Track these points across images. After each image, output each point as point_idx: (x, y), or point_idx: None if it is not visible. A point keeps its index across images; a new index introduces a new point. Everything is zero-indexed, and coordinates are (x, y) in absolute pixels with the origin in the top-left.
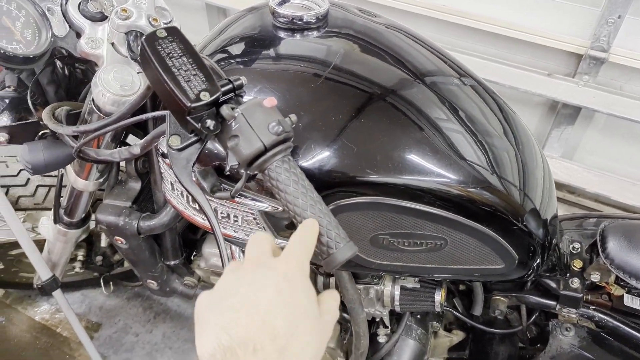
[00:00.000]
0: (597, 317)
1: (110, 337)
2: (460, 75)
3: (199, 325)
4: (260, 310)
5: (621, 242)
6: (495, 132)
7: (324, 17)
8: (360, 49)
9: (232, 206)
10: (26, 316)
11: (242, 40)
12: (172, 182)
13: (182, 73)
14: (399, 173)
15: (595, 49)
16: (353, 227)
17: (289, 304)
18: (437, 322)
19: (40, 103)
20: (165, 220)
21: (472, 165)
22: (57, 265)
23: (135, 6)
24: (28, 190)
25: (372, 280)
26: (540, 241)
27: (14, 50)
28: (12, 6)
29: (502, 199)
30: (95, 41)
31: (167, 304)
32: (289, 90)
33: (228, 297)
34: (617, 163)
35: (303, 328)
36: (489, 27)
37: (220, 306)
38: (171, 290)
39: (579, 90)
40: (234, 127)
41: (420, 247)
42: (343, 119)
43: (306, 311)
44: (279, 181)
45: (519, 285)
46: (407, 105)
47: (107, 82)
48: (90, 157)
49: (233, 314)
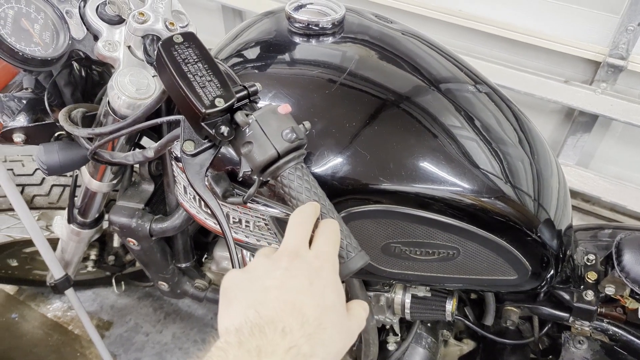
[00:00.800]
0: (611, 330)
1: (120, 336)
2: (476, 82)
3: (225, 300)
4: (292, 296)
5: (637, 255)
6: (510, 140)
7: (340, 22)
8: (375, 55)
9: (244, 211)
10: (39, 313)
11: (258, 44)
12: (184, 186)
13: (198, 79)
14: (412, 181)
15: (614, 57)
16: (365, 235)
17: (319, 296)
18: (448, 331)
19: (56, 104)
20: (177, 223)
21: (486, 175)
22: (70, 264)
23: (152, 10)
24: (43, 190)
25: (382, 288)
26: (554, 252)
27: (32, 53)
28: (31, 9)
29: (516, 209)
30: (112, 44)
31: (178, 304)
32: (304, 96)
33: (260, 278)
34: (634, 172)
35: (330, 322)
36: (505, 33)
37: (252, 285)
38: (182, 293)
39: (596, 97)
40: (248, 134)
41: (432, 256)
42: (357, 125)
43: (335, 307)
44: (291, 188)
45: (531, 296)
46: (421, 113)
47: (123, 85)
48: (105, 160)
49: (264, 294)
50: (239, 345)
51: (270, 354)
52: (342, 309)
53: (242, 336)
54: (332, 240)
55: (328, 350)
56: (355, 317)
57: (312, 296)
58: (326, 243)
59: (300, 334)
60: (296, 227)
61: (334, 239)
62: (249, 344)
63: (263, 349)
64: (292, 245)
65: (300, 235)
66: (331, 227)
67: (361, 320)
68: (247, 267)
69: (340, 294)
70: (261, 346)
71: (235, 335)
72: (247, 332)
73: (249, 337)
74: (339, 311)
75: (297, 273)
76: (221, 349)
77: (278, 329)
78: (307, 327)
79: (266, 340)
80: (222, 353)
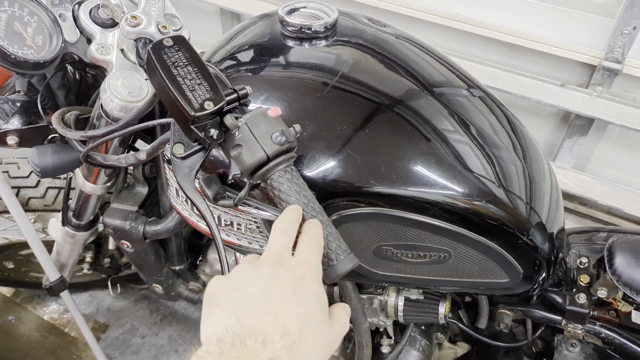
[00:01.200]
0: (604, 333)
1: (117, 339)
2: (469, 86)
3: (208, 308)
4: (274, 305)
5: (629, 258)
6: (502, 144)
7: (332, 26)
8: (367, 58)
9: (235, 214)
10: (35, 315)
11: (251, 47)
12: (176, 188)
13: (187, 82)
14: (404, 184)
15: (610, 60)
16: (356, 238)
17: (302, 306)
18: (442, 334)
19: (50, 107)
20: (170, 226)
21: (477, 178)
22: (66, 266)
23: (145, 13)
24: (38, 192)
25: (375, 291)
26: (545, 255)
27: (24, 56)
28: (25, 12)
29: (507, 212)
30: (105, 47)
31: (174, 307)
32: (295, 99)
33: (243, 286)
34: (631, 175)
35: (311, 332)
36: (502, 37)
37: (234, 293)
38: (176, 295)
39: (592, 101)
40: (238, 137)
41: (423, 259)
42: (348, 128)
43: (316, 316)
44: (281, 191)
45: (524, 299)
46: (413, 116)
47: (115, 88)
48: (98, 162)
49: (246, 303)
50: (220, 355)
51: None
52: (324, 317)
53: (223, 346)
54: (315, 245)
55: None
56: (338, 322)
57: (294, 306)
58: (309, 249)
59: (280, 345)
60: (279, 234)
61: (317, 244)
62: (230, 354)
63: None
64: (275, 252)
65: (283, 242)
66: (314, 231)
67: (344, 324)
68: (230, 274)
69: (323, 302)
70: (241, 357)
71: (217, 345)
72: (229, 343)
73: (230, 347)
74: (321, 319)
75: (279, 281)
76: (202, 358)
77: (259, 340)
78: (287, 338)
79: (247, 351)
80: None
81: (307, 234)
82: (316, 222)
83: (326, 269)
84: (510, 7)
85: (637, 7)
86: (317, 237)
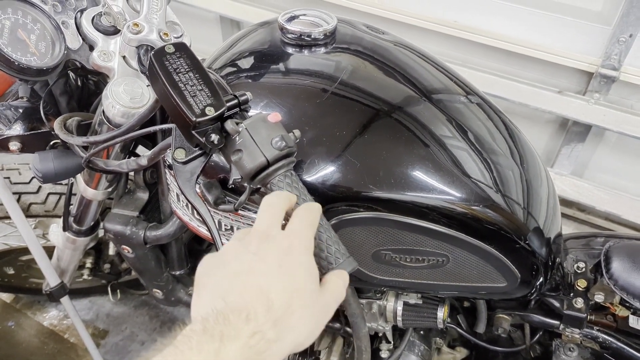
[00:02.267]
0: (601, 338)
1: (116, 345)
2: (467, 93)
3: (197, 288)
4: (258, 280)
5: (625, 263)
6: (500, 150)
7: (331, 33)
8: (366, 65)
9: (236, 219)
10: (35, 321)
11: (251, 54)
12: (177, 194)
13: (189, 88)
14: (402, 189)
15: (606, 67)
16: (355, 242)
17: (288, 278)
18: (441, 339)
19: (52, 113)
20: (171, 231)
21: (475, 183)
22: (66, 272)
23: (146, 21)
24: (39, 198)
25: (374, 295)
26: (543, 260)
27: (27, 62)
28: (28, 19)
29: (505, 217)
30: (107, 54)
31: (174, 313)
32: (295, 105)
33: (229, 264)
34: (628, 182)
35: (299, 304)
36: (499, 44)
37: (220, 272)
38: (176, 300)
39: (589, 108)
40: (238, 142)
41: (422, 263)
42: (347, 134)
43: (304, 287)
44: None
45: (522, 303)
46: (411, 122)
47: (117, 95)
48: (99, 168)
49: (230, 281)
50: (203, 331)
51: (233, 338)
52: (313, 287)
53: (207, 324)
54: (307, 219)
55: (298, 333)
56: (331, 291)
57: (280, 279)
58: (299, 221)
59: (264, 320)
60: (267, 209)
61: (309, 218)
62: (213, 330)
63: (226, 333)
64: (262, 226)
65: (271, 216)
66: (308, 208)
67: (339, 292)
68: (219, 252)
69: (312, 272)
70: (224, 331)
71: (201, 323)
72: (212, 320)
73: (214, 324)
74: (310, 289)
75: (265, 255)
76: (185, 335)
77: (242, 316)
78: (272, 312)
79: (230, 325)
80: (186, 339)
81: (300, 208)
82: (314, 203)
83: (325, 272)
84: (508, 15)
85: (633, 14)
86: (310, 212)
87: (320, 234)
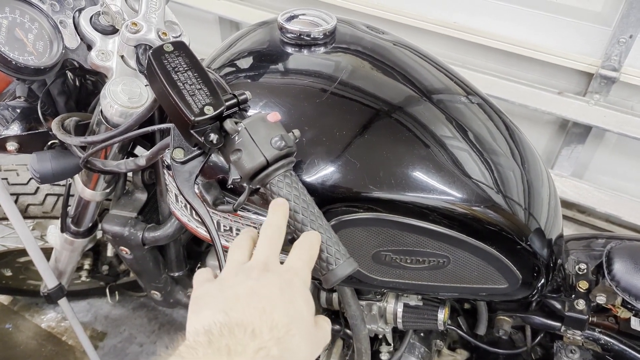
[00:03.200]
0: (603, 340)
1: (114, 347)
2: (467, 93)
3: (195, 306)
4: (262, 302)
5: (627, 264)
6: (501, 150)
7: (331, 33)
8: (366, 65)
9: (234, 219)
10: (33, 323)
11: (250, 54)
12: (176, 194)
13: (187, 87)
14: (402, 190)
15: (606, 68)
16: (355, 243)
17: (289, 304)
18: (441, 341)
19: (50, 113)
20: (169, 232)
21: (476, 184)
22: (64, 273)
23: (145, 20)
24: (37, 199)
25: (374, 297)
26: (544, 261)
27: (25, 62)
28: (26, 19)
29: (506, 218)
30: (105, 54)
31: (172, 315)
32: (295, 105)
33: (230, 287)
34: (629, 183)
35: (298, 330)
36: (499, 45)
37: (222, 293)
38: (175, 302)
39: (589, 109)
40: (237, 141)
41: (422, 264)
42: (347, 134)
43: (303, 317)
44: (280, 195)
45: (523, 305)
46: (412, 122)
47: (115, 94)
48: (97, 168)
49: (234, 301)
50: (209, 344)
51: (240, 353)
52: (310, 319)
53: (211, 336)
54: (306, 254)
55: (296, 356)
56: (322, 330)
57: (282, 303)
58: (298, 257)
59: (269, 337)
60: (266, 241)
61: (308, 253)
62: (219, 342)
63: (232, 347)
64: (262, 259)
65: (270, 249)
66: (308, 241)
67: (326, 333)
68: (218, 279)
69: (310, 306)
70: (230, 345)
71: (205, 335)
72: (217, 332)
73: (219, 336)
74: (308, 321)
75: (267, 283)
76: (191, 347)
77: (248, 331)
78: (275, 331)
79: (235, 340)
80: (192, 351)
81: (300, 242)
82: (313, 233)
83: (325, 273)
84: (508, 16)
85: (633, 15)
86: (309, 246)
87: (320, 234)
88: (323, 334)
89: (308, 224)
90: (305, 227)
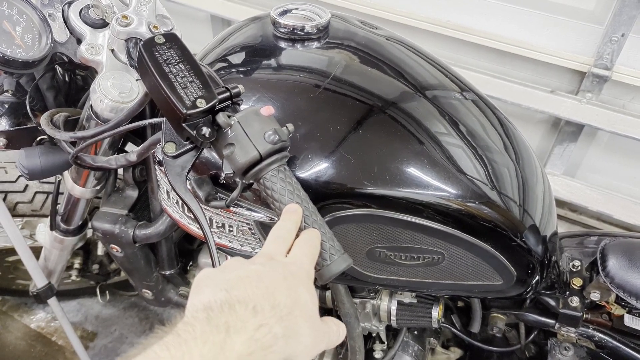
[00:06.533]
0: (597, 336)
1: (105, 347)
2: (462, 89)
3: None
4: (265, 283)
5: (621, 260)
6: (495, 147)
7: (324, 28)
8: (360, 60)
9: (227, 216)
10: (22, 324)
11: (243, 49)
12: (167, 191)
13: (179, 80)
14: (397, 186)
15: (599, 67)
16: (349, 240)
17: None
18: (435, 339)
19: (39, 109)
20: (161, 229)
21: (471, 180)
22: (54, 272)
23: (136, 13)
24: (26, 197)
25: (368, 295)
26: (539, 258)
27: (13, 55)
28: (14, 11)
29: (501, 214)
30: (95, 47)
31: (163, 314)
32: (288, 99)
33: (233, 270)
34: (620, 182)
35: (302, 314)
36: (492, 44)
37: (225, 276)
38: (166, 300)
39: (581, 107)
40: (230, 135)
41: (417, 261)
42: (341, 130)
43: (307, 305)
44: (274, 190)
45: (517, 302)
46: (406, 118)
47: (105, 89)
48: (87, 164)
49: (236, 281)
50: (207, 320)
51: (239, 330)
52: (315, 309)
53: (210, 312)
54: (309, 249)
55: (299, 339)
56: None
57: (285, 287)
58: (302, 253)
59: (271, 314)
60: (275, 239)
61: (312, 251)
62: (218, 319)
63: (232, 324)
64: (267, 252)
65: (279, 245)
66: (311, 238)
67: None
68: (221, 266)
69: (314, 297)
70: (230, 322)
71: (204, 311)
72: (217, 309)
73: (218, 313)
74: (312, 310)
75: (270, 269)
76: (188, 323)
77: (249, 307)
78: (278, 310)
79: (235, 316)
80: (189, 328)
81: (303, 239)
82: (314, 231)
83: (320, 269)
84: (501, 15)
85: (625, 14)
86: (312, 243)
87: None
88: (328, 330)
89: (303, 219)
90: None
